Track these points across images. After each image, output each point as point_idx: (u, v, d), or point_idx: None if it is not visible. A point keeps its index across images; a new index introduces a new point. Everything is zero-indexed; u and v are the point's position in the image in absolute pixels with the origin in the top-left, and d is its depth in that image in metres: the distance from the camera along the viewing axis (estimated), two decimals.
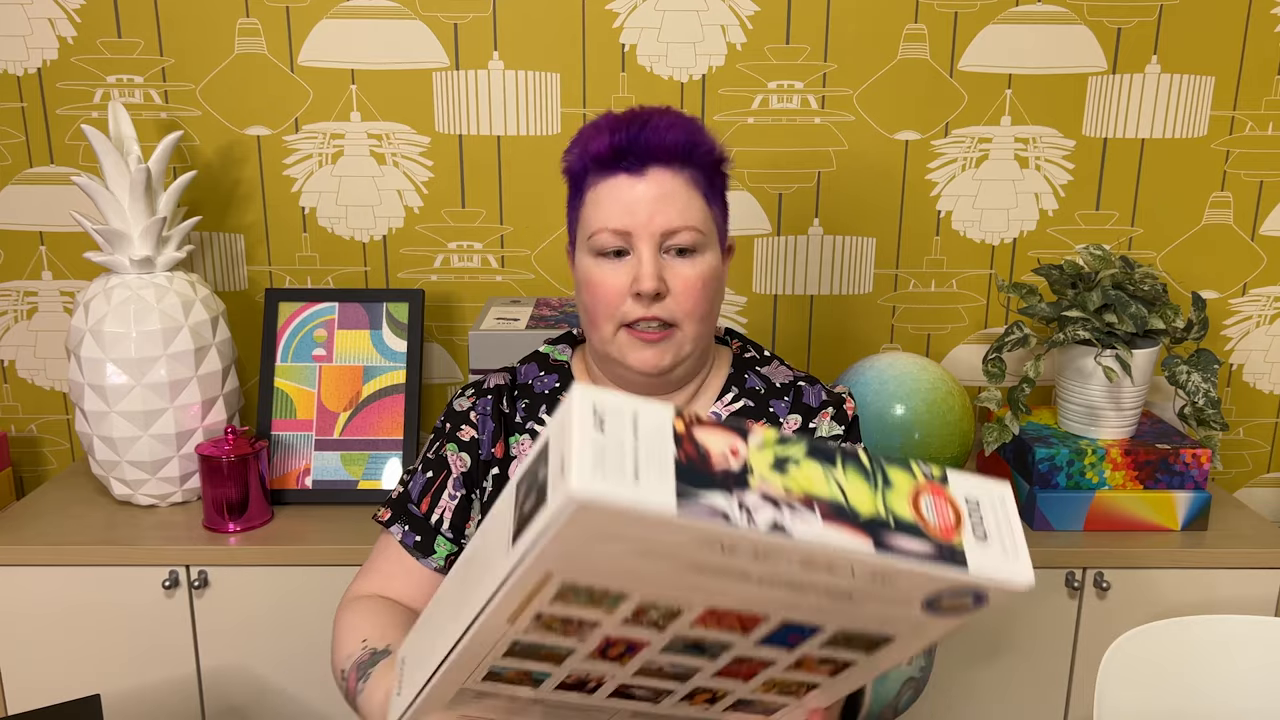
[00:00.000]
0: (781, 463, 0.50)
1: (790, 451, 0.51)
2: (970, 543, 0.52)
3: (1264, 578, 1.48)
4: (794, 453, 0.51)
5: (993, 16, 1.66)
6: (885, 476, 0.52)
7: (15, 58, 1.67)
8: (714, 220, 1.01)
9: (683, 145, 0.97)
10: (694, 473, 0.47)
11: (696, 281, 0.98)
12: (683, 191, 0.98)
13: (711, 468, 0.48)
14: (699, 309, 0.99)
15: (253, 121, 1.70)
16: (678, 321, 0.99)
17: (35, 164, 1.71)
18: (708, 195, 1.00)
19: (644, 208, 0.96)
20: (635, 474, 0.45)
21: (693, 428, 0.49)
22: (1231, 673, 1.32)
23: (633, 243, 0.97)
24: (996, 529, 0.53)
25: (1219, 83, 1.69)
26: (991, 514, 0.54)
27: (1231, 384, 1.83)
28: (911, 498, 0.52)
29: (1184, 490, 1.52)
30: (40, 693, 1.50)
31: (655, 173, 0.97)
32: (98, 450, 1.54)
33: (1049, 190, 1.74)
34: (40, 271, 1.76)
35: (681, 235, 0.97)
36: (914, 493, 0.52)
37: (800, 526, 0.48)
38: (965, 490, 0.54)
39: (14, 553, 1.45)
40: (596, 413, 0.47)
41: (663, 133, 0.96)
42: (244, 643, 1.49)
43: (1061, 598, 1.49)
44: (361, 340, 1.65)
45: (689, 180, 0.98)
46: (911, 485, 0.52)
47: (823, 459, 0.51)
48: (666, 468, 0.46)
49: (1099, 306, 1.52)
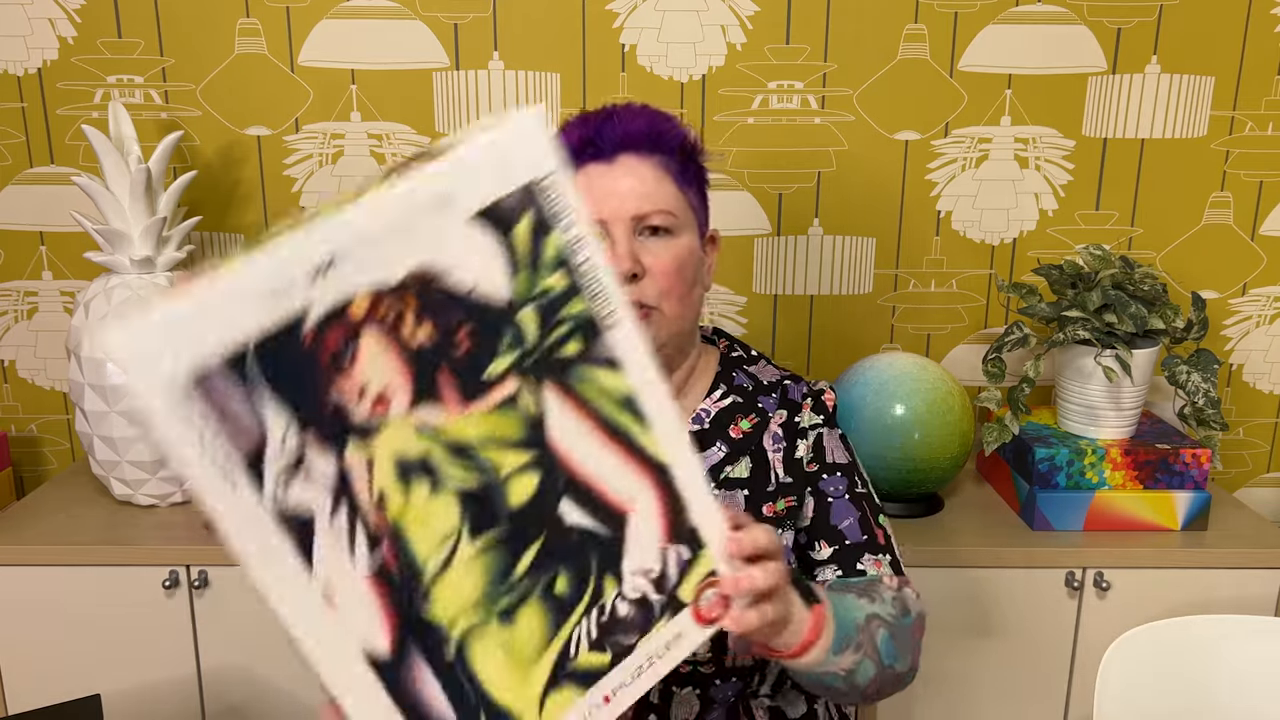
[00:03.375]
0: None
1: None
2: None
3: (1264, 578, 1.48)
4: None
5: (993, 17, 1.66)
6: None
7: (15, 58, 1.67)
8: (689, 204, 1.05)
9: (647, 131, 1.02)
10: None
11: (671, 262, 1.01)
12: (651, 175, 1.02)
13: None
14: (675, 289, 1.02)
15: (253, 121, 1.70)
16: (656, 303, 1.01)
17: (35, 164, 1.71)
18: (680, 180, 1.04)
19: (615, 193, 1.00)
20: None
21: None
22: (1231, 673, 1.32)
23: (608, 229, 1.00)
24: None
25: (1219, 83, 1.69)
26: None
27: (1231, 384, 1.83)
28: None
29: (1184, 490, 1.52)
30: (40, 693, 1.50)
31: (625, 159, 1.01)
32: (98, 450, 1.54)
33: (1049, 190, 1.74)
34: (40, 271, 1.76)
35: (653, 217, 1.01)
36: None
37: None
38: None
39: (14, 553, 1.45)
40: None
41: (628, 121, 1.02)
42: (244, 643, 1.49)
43: (1061, 598, 1.49)
44: None
45: (658, 164, 1.02)
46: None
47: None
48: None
49: (1099, 306, 1.52)
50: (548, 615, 0.69)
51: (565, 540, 0.69)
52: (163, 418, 0.55)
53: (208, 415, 0.56)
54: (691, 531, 0.74)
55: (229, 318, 0.56)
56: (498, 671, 0.68)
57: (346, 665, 0.63)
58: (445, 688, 0.66)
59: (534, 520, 0.68)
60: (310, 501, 0.60)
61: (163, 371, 0.55)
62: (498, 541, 0.67)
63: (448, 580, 0.66)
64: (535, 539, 0.68)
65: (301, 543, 0.60)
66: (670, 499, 0.73)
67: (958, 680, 1.52)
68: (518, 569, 0.68)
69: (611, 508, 0.71)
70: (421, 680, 0.66)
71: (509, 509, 0.67)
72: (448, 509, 0.65)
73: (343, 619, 0.62)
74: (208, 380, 0.56)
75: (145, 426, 0.55)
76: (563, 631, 0.70)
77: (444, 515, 0.65)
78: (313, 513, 0.60)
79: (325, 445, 0.60)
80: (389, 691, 0.64)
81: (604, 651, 0.72)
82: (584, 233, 0.67)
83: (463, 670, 0.67)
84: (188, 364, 0.55)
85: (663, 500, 0.72)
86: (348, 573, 0.62)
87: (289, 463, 0.59)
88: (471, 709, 0.68)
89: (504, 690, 0.68)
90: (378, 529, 0.63)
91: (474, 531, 0.66)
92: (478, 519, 0.66)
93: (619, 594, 0.72)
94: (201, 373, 0.56)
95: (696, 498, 0.74)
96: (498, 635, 0.68)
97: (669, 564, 0.73)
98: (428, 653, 0.65)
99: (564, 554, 0.69)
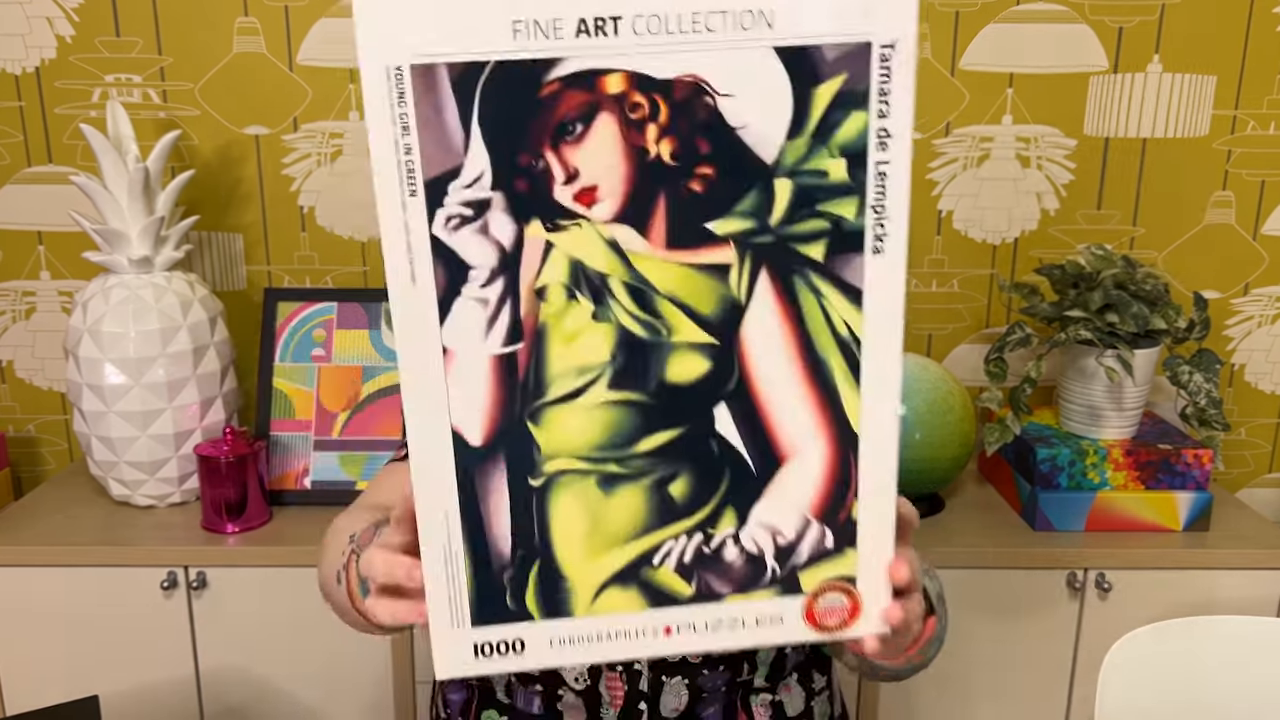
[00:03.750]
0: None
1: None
2: None
3: (1266, 578, 1.48)
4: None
5: (994, 15, 1.66)
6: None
7: (13, 57, 1.66)
8: None
9: None
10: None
11: None
12: None
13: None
14: None
15: (251, 121, 1.69)
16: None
17: (33, 163, 1.71)
18: None
19: None
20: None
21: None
22: (1233, 674, 1.32)
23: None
24: None
25: (1221, 82, 1.69)
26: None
27: (1233, 384, 1.82)
28: None
29: (1186, 491, 1.51)
30: (38, 694, 1.50)
31: None
32: (96, 450, 1.53)
33: (1050, 190, 1.73)
34: (38, 271, 1.75)
35: None
36: None
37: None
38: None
39: (12, 553, 1.45)
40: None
41: None
42: (242, 644, 1.49)
43: (1063, 599, 1.48)
44: (360, 340, 1.65)
45: None
46: None
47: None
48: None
49: (1101, 306, 1.51)
50: (649, 508, 0.62)
51: (704, 446, 0.61)
52: (373, 89, 0.52)
53: (416, 112, 0.53)
54: (848, 524, 0.63)
55: (484, 27, 0.52)
56: (572, 532, 0.61)
57: (432, 426, 0.58)
58: (513, 511, 0.61)
59: (683, 407, 0.60)
60: (473, 255, 0.56)
61: (393, 42, 0.52)
62: (634, 405, 0.60)
63: (566, 413, 0.59)
64: (673, 426, 0.60)
65: (449, 286, 0.56)
66: (841, 475, 0.62)
67: (959, 681, 1.52)
68: (641, 445, 0.60)
69: (771, 444, 0.61)
70: (494, 489, 0.60)
71: (662, 380, 0.59)
72: (600, 342, 0.58)
73: (451, 378, 0.58)
74: (430, 76, 0.52)
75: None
76: (656, 534, 0.62)
77: (593, 346, 0.58)
78: (469, 265, 0.56)
79: (512, 210, 0.55)
80: (458, 477, 0.59)
81: (689, 582, 0.63)
82: (899, 129, 0.56)
83: (538, 507, 0.61)
84: (420, 49, 0.52)
85: (833, 471, 0.62)
86: (476, 341, 0.57)
87: (471, 205, 0.55)
88: (529, 548, 0.61)
89: (569, 553, 0.62)
90: (525, 319, 0.57)
91: (615, 381, 0.59)
92: (624, 371, 0.59)
93: (734, 534, 0.63)
94: (428, 65, 0.52)
95: (874, 493, 0.63)
96: (589, 497, 0.61)
97: (804, 540, 0.63)
98: (513, 466, 0.60)
99: (696, 458, 0.61)
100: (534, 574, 0.62)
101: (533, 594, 0.62)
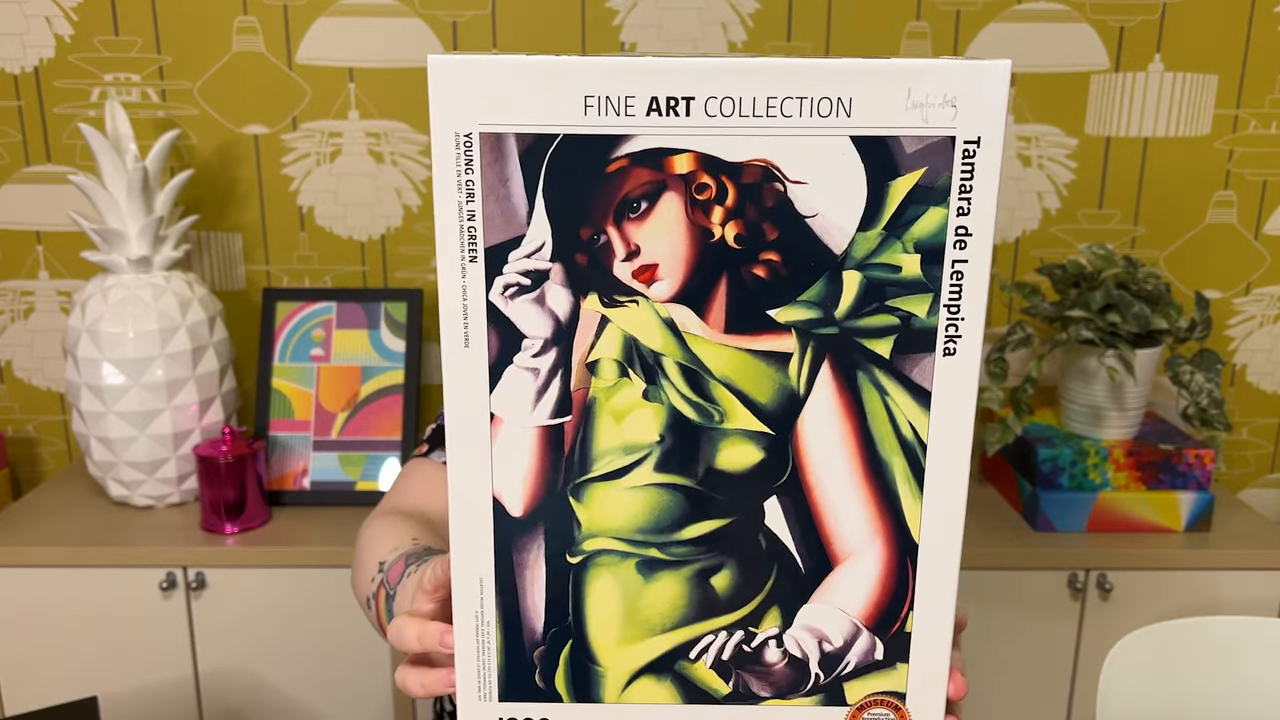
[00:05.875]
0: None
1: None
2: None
3: (1268, 579, 1.47)
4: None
5: (995, 14, 1.65)
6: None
7: (12, 56, 1.66)
8: None
9: None
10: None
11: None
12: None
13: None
14: None
15: (250, 120, 1.69)
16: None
17: (32, 163, 1.70)
18: None
19: None
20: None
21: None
22: (1235, 675, 1.32)
23: None
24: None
25: (1222, 81, 1.68)
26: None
27: (1235, 384, 1.82)
28: None
29: (1187, 491, 1.51)
30: (37, 695, 1.50)
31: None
32: (95, 451, 1.53)
33: (1051, 189, 1.73)
34: (37, 271, 1.75)
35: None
36: None
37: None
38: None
39: (10, 554, 1.45)
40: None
41: None
42: (241, 644, 1.48)
43: (1064, 599, 1.48)
44: (360, 340, 1.65)
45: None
46: None
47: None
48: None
49: (1102, 306, 1.51)
50: (689, 599, 0.60)
51: (751, 539, 0.59)
52: (442, 154, 0.53)
53: (483, 179, 0.54)
54: (901, 636, 0.60)
55: (556, 100, 0.52)
56: (608, 615, 0.60)
57: (474, 491, 0.58)
58: (549, 586, 0.60)
59: (732, 496, 0.58)
60: (528, 325, 0.56)
61: (465, 108, 0.52)
62: (680, 489, 0.58)
63: (610, 491, 0.58)
64: (721, 515, 0.59)
65: (501, 353, 0.56)
66: (897, 584, 0.59)
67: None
68: (685, 532, 0.59)
69: (824, 544, 0.59)
70: (531, 562, 0.60)
71: (711, 466, 0.58)
72: (650, 422, 0.57)
73: (497, 445, 0.58)
74: (499, 145, 0.53)
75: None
76: (695, 627, 0.60)
77: (642, 425, 0.57)
78: (523, 335, 0.56)
79: (570, 282, 0.55)
80: (495, 544, 0.59)
81: (726, 681, 0.61)
82: (980, 228, 0.54)
83: (574, 585, 0.60)
84: (491, 117, 0.52)
85: (888, 579, 0.59)
86: (524, 411, 0.57)
87: (530, 275, 0.55)
88: (563, 626, 0.60)
89: (603, 636, 0.61)
90: (575, 392, 0.57)
91: (663, 463, 0.58)
92: (673, 453, 0.58)
93: (778, 635, 0.60)
94: (498, 134, 0.53)
95: (932, 606, 0.60)
96: (627, 580, 0.60)
97: (853, 649, 0.60)
98: (551, 540, 0.59)
99: (742, 552, 0.59)
100: (566, 654, 0.61)
101: (563, 675, 0.61)
